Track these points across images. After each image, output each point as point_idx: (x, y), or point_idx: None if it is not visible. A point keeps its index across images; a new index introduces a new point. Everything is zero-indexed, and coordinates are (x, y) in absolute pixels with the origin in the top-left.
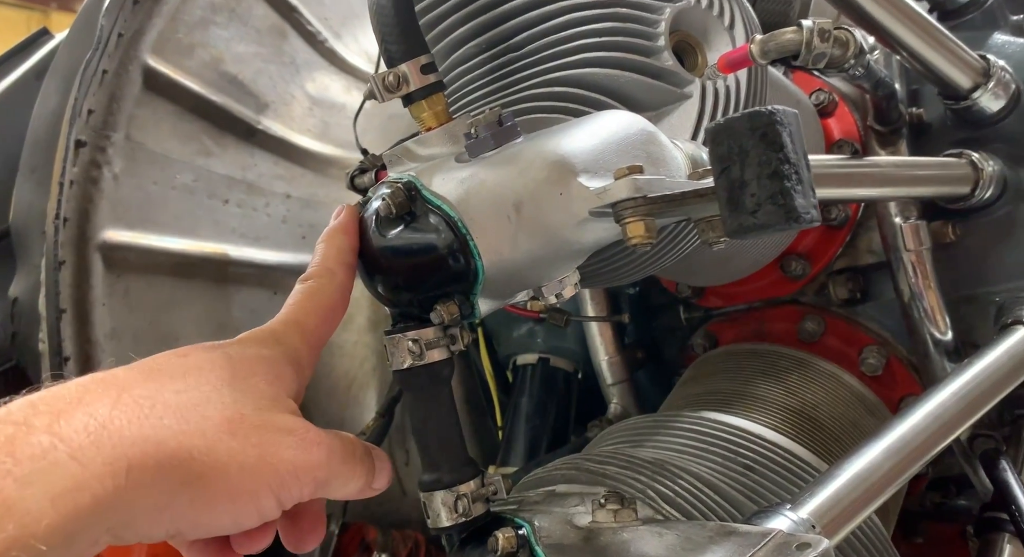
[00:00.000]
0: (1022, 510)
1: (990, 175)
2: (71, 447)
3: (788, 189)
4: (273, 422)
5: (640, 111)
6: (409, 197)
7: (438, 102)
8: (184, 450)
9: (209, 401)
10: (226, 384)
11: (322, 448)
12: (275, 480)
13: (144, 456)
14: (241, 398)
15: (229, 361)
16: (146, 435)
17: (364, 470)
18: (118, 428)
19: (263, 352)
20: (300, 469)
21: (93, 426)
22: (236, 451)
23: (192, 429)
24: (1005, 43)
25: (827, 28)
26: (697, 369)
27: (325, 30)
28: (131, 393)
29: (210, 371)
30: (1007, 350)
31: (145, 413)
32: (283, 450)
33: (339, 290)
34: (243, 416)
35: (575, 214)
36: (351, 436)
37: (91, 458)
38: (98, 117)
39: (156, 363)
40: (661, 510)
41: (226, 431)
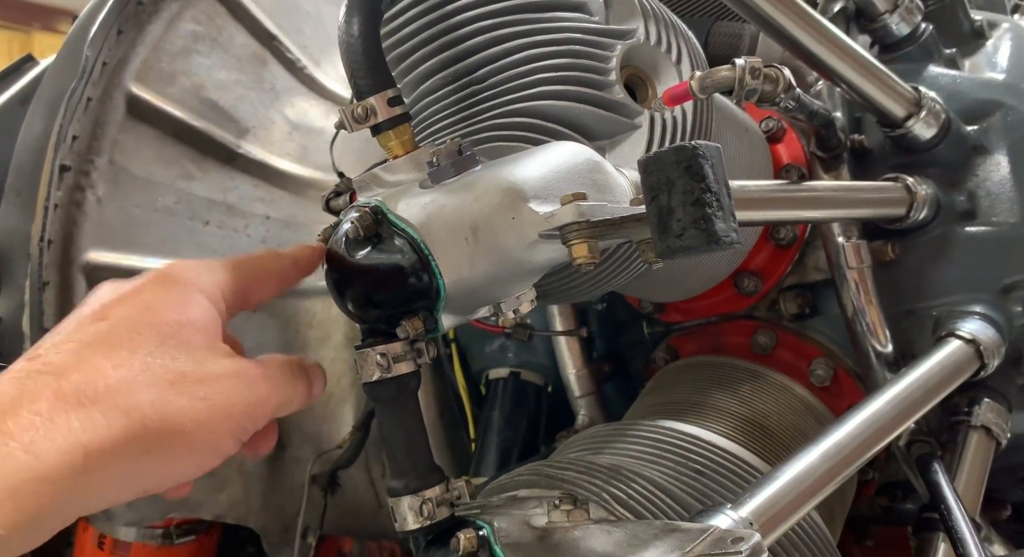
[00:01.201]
0: (950, 509)
1: (923, 198)
2: (22, 442)
3: (709, 215)
4: (214, 371)
5: (594, 140)
6: (376, 220)
7: (404, 132)
8: (136, 423)
9: (148, 368)
10: (158, 345)
11: (267, 381)
12: (231, 425)
13: (99, 440)
14: (177, 355)
15: (151, 313)
16: (94, 419)
17: (305, 385)
18: (65, 418)
19: (183, 290)
20: (252, 407)
21: (39, 421)
22: (187, 409)
23: (139, 401)
24: (939, 75)
25: (758, 66)
26: (658, 381)
27: (304, 57)
28: (69, 380)
29: (137, 333)
30: (940, 360)
31: (89, 397)
32: (232, 395)
33: (277, 265)
34: (184, 374)
35: (526, 236)
36: (283, 357)
37: (45, 450)
38: (82, 142)
39: (83, 335)
40: (614, 511)
41: (172, 393)
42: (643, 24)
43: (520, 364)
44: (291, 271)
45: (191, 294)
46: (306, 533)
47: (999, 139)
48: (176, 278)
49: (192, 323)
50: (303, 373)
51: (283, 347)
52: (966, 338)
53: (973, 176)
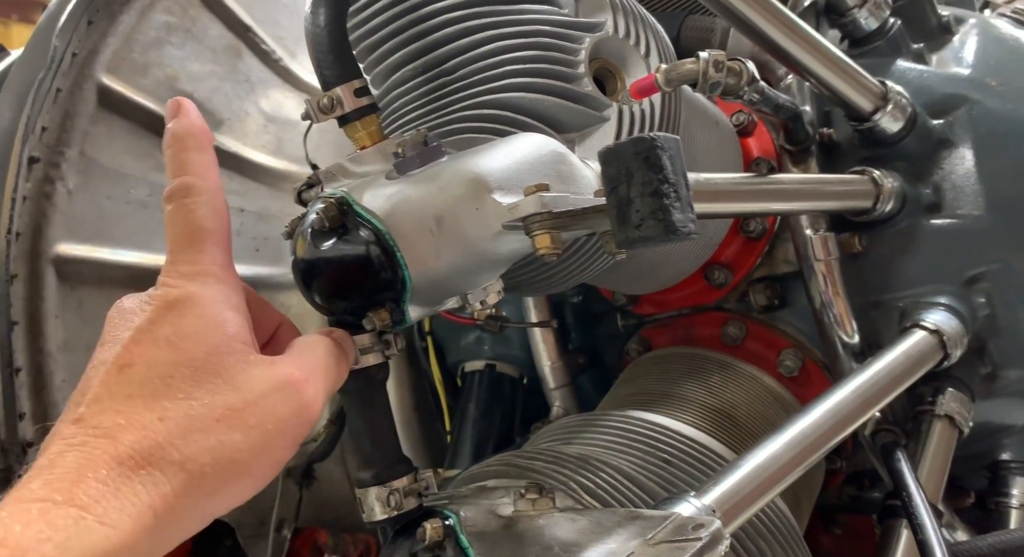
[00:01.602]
0: (912, 496)
1: (890, 190)
2: (96, 515)
3: (667, 206)
4: (257, 391)
5: (563, 133)
6: (341, 211)
7: (371, 123)
8: (196, 474)
9: (191, 412)
10: (193, 383)
11: (311, 383)
12: (286, 440)
13: (164, 498)
14: (215, 388)
15: (177, 349)
16: (156, 479)
17: (345, 363)
18: (130, 485)
19: (199, 311)
20: (303, 415)
21: (107, 491)
22: (240, 442)
23: (195, 450)
24: (906, 69)
25: (721, 59)
26: (630, 372)
27: (280, 49)
28: (123, 443)
29: (171, 376)
30: (904, 350)
31: (146, 458)
32: (281, 411)
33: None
34: (228, 406)
35: (490, 227)
36: (316, 341)
37: (119, 520)
38: (52, 134)
39: (120, 388)
40: (581, 500)
41: (223, 431)
42: (612, 17)
43: (496, 356)
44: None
45: (208, 313)
46: (281, 526)
47: (964, 133)
48: (187, 300)
49: (220, 348)
50: (339, 350)
51: None
52: (930, 329)
53: (939, 169)
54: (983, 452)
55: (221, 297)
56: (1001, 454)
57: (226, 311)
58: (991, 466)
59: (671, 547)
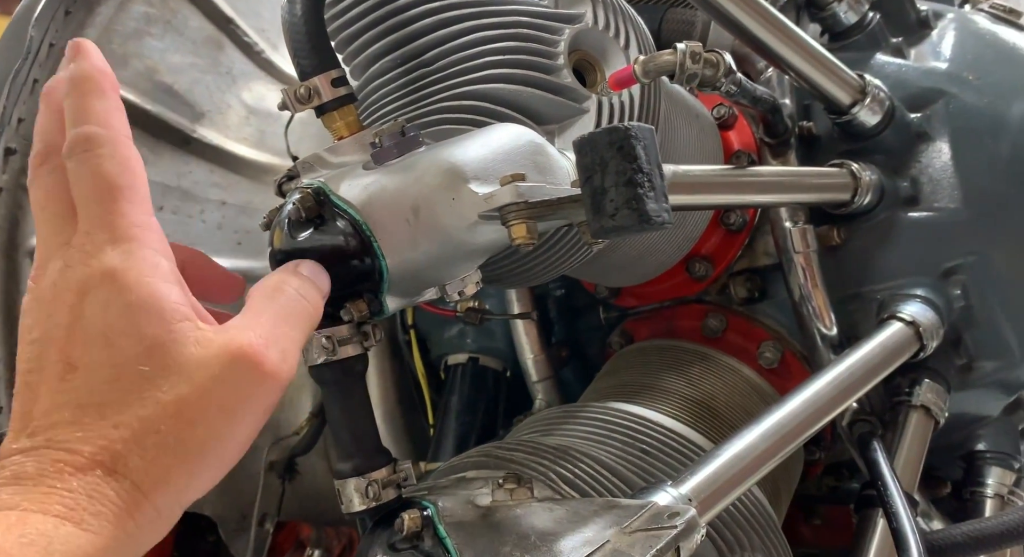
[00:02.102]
0: (887, 485)
1: (868, 183)
2: (75, 521)
3: (641, 195)
4: (209, 376)
5: (543, 124)
6: (318, 201)
7: (349, 113)
8: (163, 473)
9: (146, 414)
10: (142, 382)
11: (270, 343)
12: (255, 416)
13: (137, 502)
14: (165, 383)
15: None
16: (124, 486)
17: (317, 302)
18: (101, 492)
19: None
20: (268, 383)
21: (83, 500)
22: (203, 433)
23: (156, 453)
24: (885, 63)
25: (698, 51)
26: (612, 364)
27: (262, 41)
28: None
29: (116, 379)
30: (881, 342)
31: (109, 467)
32: (242, 389)
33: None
34: (183, 399)
35: (466, 217)
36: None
37: (99, 526)
38: (28, 125)
39: (67, 397)
40: (560, 490)
41: (182, 427)
42: (591, 9)
43: (479, 350)
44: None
45: (137, 294)
46: (263, 520)
47: (941, 126)
48: (108, 279)
49: (158, 337)
50: (308, 287)
51: None
52: (906, 320)
53: (916, 162)
54: (959, 442)
55: (147, 268)
56: (976, 444)
57: (156, 283)
58: (967, 456)
59: (646, 535)
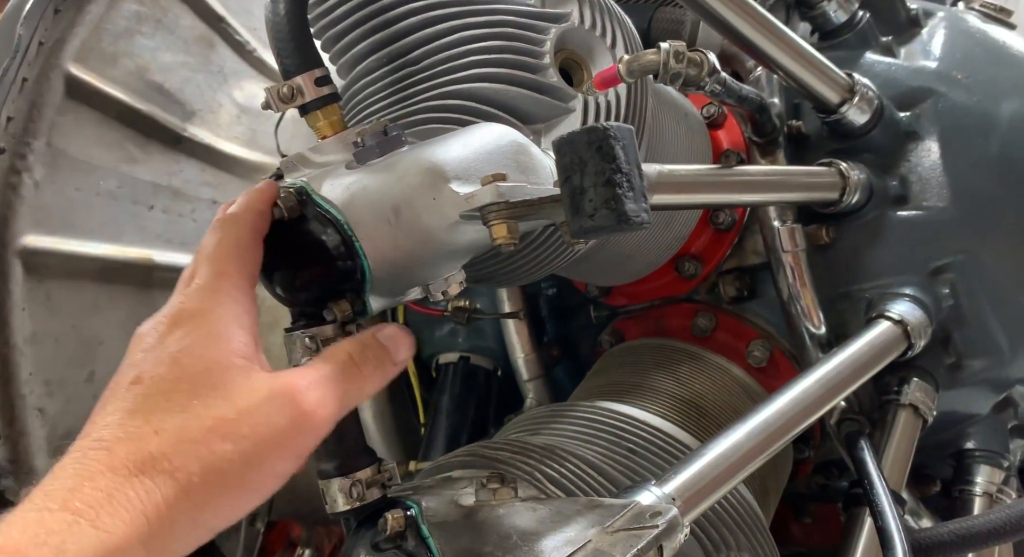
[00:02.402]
0: (873, 483)
1: (856, 182)
2: (90, 519)
3: (620, 195)
4: (252, 402)
5: (529, 124)
6: (300, 201)
7: (333, 112)
8: (184, 483)
9: (185, 424)
10: (190, 397)
11: (313, 389)
12: (281, 450)
13: (156, 506)
14: (210, 401)
15: (179, 366)
16: (147, 487)
17: (370, 368)
18: (123, 492)
19: (204, 328)
20: (301, 426)
21: (102, 497)
22: (231, 452)
23: (184, 460)
24: (874, 62)
25: (681, 50)
26: (602, 363)
27: (253, 40)
28: (118, 454)
29: (172, 391)
30: (868, 341)
31: (139, 467)
32: (275, 420)
33: (247, 229)
34: (222, 417)
35: (447, 217)
36: (337, 348)
37: (112, 525)
38: (17, 124)
39: (124, 403)
40: (545, 490)
41: (214, 441)
42: (578, 8)
43: (470, 349)
44: (261, 224)
45: (215, 328)
46: (254, 519)
47: (930, 125)
48: (194, 316)
49: (220, 362)
50: (367, 352)
51: None
52: (894, 319)
53: (905, 161)
54: (948, 441)
55: (230, 315)
56: (966, 443)
57: (232, 328)
58: (956, 454)
59: (628, 535)
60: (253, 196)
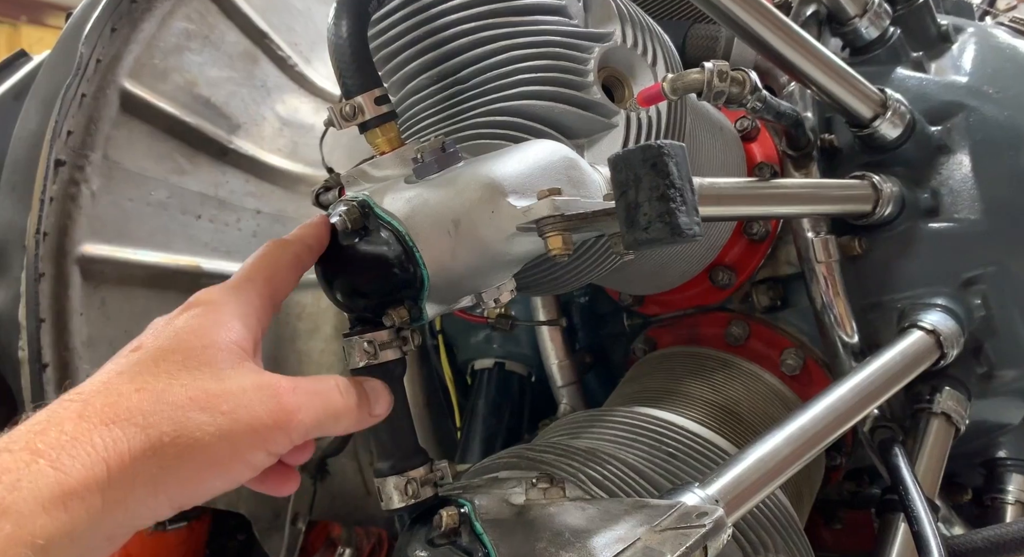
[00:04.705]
0: (908, 489)
1: (888, 195)
2: (49, 459)
3: (673, 209)
4: (238, 385)
5: (573, 139)
6: (363, 214)
7: (390, 130)
8: (155, 439)
9: (168, 388)
10: (181, 367)
11: (297, 395)
12: (256, 438)
13: (119, 455)
14: (199, 374)
15: (179, 339)
16: (115, 436)
17: (353, 402)
18: (88, 437)
19: (211, 315)
20: (279, 420)
21: (65, 440)
22: (207, 423)
23: (158, 418)
24: (906, 77)
25: (725, 69)
26: (636, 370)
27: (295, 55)
28: (93, 404)
29: (163, 359)
30: (901, 350)
31: (111, 418)
32: (255, 407)
33: (290, 255)
34: (205, 390)
35: (504, 229)
36: (331, 377)
37: (70, 466)
38: (77, 138)
39: (116, 366)
40: (590, 491)
41: (192, 409)
42: (620, 27)
43: (505, 355)
44: (305, 255)
45: (222, 317)
46: (296, 519)
47: (961, 139)
48: (206, 303)
49: (217, 343)
50: (351, 392)
51: (273, 339)
52: (927, 329)
53: (937, 174)
54: (979, 449)
55: (239, 311)
56: (997, 452)
57: (238, 322)
58: (987, 463)
59: (676, 534)
60: (307, 229)
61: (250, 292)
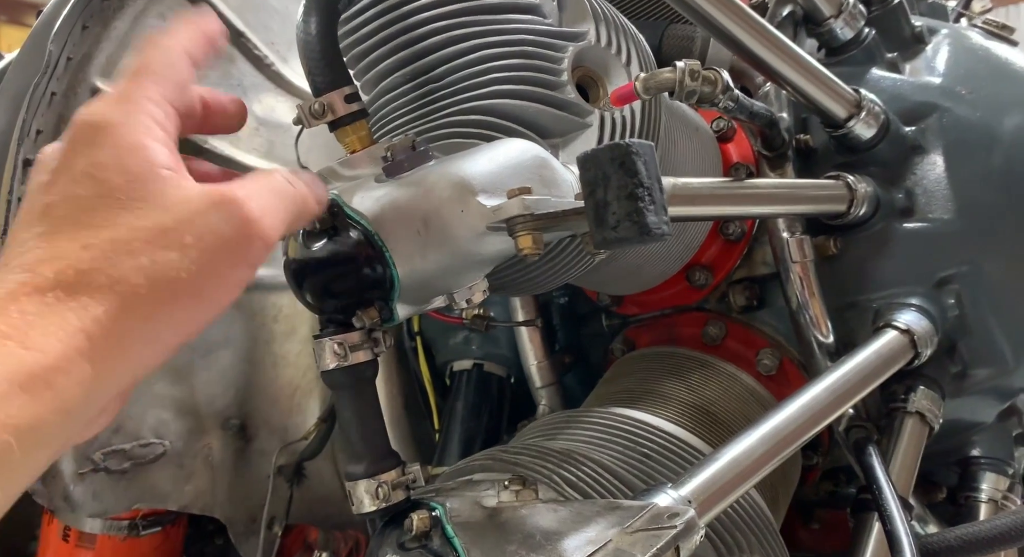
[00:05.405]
0: (881, 489)
1: (863, 195)
2: (17, 340)
3: (641, 209)
4: (191, 209)
5: (547, 138)
6: (332, 213)
7: (361, 128)
8: (129, 295)
9: (117, 237)
10: (120, 211)
11: (253, 198)
12: (234, 257)
13: (97, 322)
14: (144, 212)
15: (97, 182)
16: (84, 304)
17: (305, 190)
18: (55, 311)
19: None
20: (249, 232)
21: (30, 319)
22: (177, 260)
23: (124, 272)
24: (880, 78)
25: (696, 69)
26: (614, 370)
27: (272, 54)
28: (43, 274)
29: (92, 208)
30: (876, 350)
31: (71, 286)
32: (221, 228)
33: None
34: (160, 226)
35: (474, 228)
36: (274, 169)
37: (44, 344)
38: (46, 137)
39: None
40: (564, 492)
41: (156, 250)
42: (594, 27)
43: (483, 356)
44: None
45: (126, 141)
46: (272, 523)
47: (935, 139)
48: (99, 128)
49: (142, 174)
50: (297, 178)
51: (250, 341)
52: (901, 328)
53: (911, 174)
54: (954, 448)
55: (142, 127)
56: (971, 450)
57: (146, 139)
58: (961, 462)
59: (647, 535)
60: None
61: (142, 99)
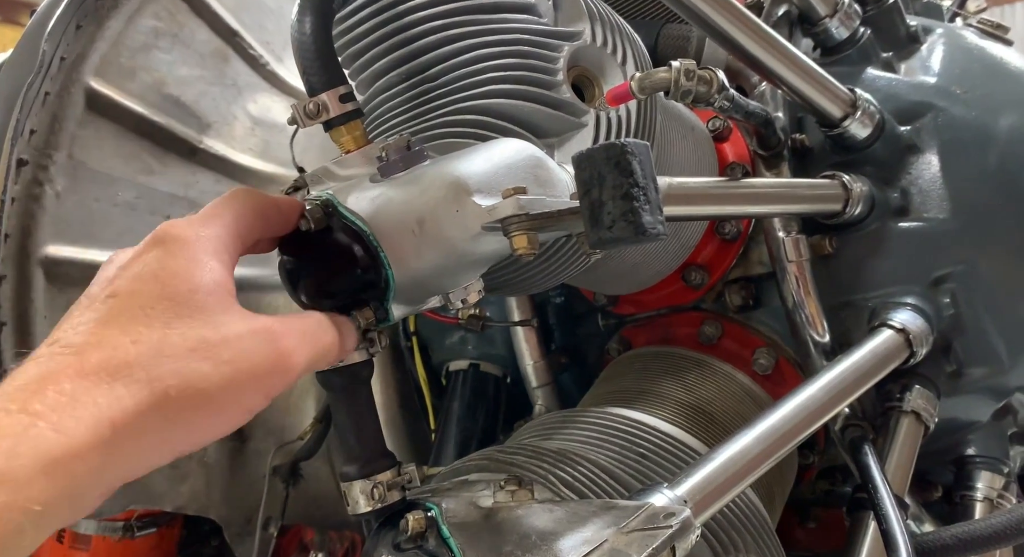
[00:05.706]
0: (877, 487)
1: (858, 194)
2: (50, 422)
3: (636, 208)
4: (235, 331)
5: (543, 138)
6: (326, 213)
7: (356, 128)
8: (160, 394)
9: (166, 338)
10: (173, 316)
11: (291, 337)
12: (257, 384)
13: (124, 413)
14: (194, 323)
15: (161, 283)
16: (118, 393)
17: (335, 337)
18: (89, 396)
19: (185, 253)
20: (278, 364)
21: (65, 401)
22: (211, 374)
23: (162, 371)
24: (875, 77)
25: (692, 68)
26: (610, 370)
27: (267, 53)
28: (89, 359)
29: (150, 307)
30: (871, 349)
31: (111, 374)
32: (254, 354)
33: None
34: (204, 339)
35: (469, 228)
36: (311, 314)
37: (72, 428)
38: (40, 137)
39: (96, 314)
40: (560, 492)
41: (195, 360)
42: (590, 26)
43: (480, 356)
44: (271, 212)
45: (195, 256)
46: (267, 524)
47: (930, 139)
48: (176, 240)
49: (202, 287)
50: (331, 326)
51: None
52: (896, 327)
53: (906, 174)
54: (949, 447)
55: (211, 249)
56: (966, 449)
57: (213, 260)
58: (957, 461)
59: (643, 535)
60: (279, 197)
61: (219, 227)
